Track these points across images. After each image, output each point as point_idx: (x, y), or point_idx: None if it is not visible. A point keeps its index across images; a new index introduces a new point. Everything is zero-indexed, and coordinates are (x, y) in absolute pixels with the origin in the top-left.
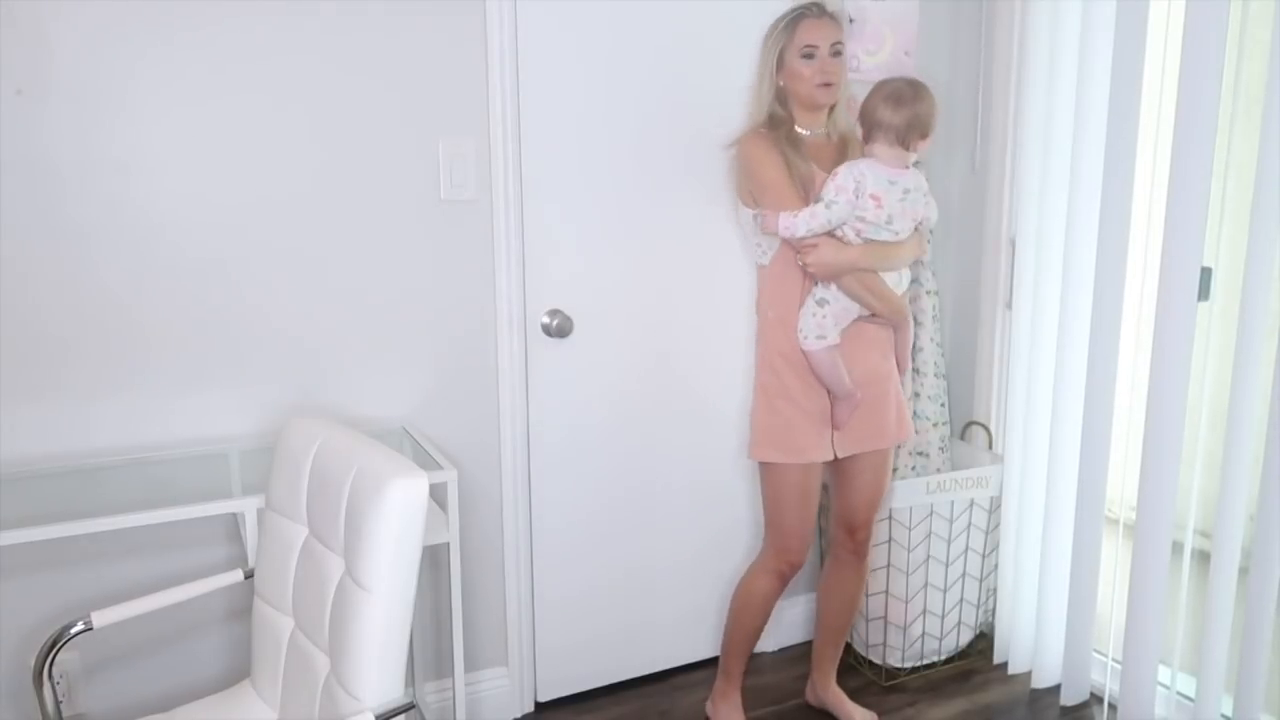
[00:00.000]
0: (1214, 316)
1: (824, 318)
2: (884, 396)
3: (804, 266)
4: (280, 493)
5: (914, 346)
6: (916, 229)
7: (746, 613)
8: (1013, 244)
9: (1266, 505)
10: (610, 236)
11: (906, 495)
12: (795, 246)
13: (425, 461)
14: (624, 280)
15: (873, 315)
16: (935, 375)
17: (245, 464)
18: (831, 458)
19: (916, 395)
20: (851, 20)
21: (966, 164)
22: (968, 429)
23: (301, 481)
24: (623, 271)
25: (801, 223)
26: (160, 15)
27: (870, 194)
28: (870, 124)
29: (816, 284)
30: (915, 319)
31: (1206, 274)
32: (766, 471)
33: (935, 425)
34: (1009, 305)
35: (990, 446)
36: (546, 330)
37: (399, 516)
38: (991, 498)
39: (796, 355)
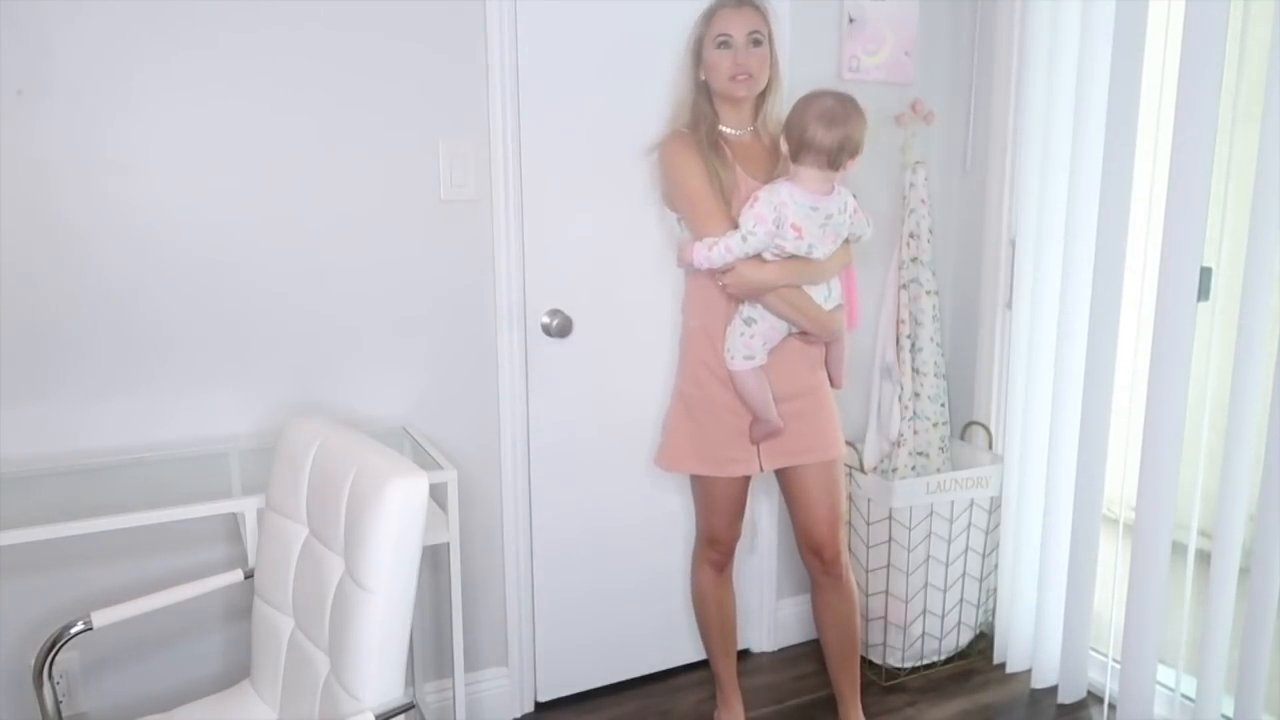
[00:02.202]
0: (1214, 316)
1: (752, 337)
2: (816, 409)
3: (723, 287)
4: (280, 493)
5: (913, 346)
6: (846, 241)
7: (699, 608)
8: (1013, 244)
9: (1267, 505)
10: (611, 236)
11: (906, 495)
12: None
13: (425, 461)
14: (624, 280)
15: (803, 334)
16: (935, 375)
17: (245, 464)
18: (759, 471)
19: (917, 395)
20: (851, 20)
21: (966, 164)
22: (968, 429)
23: (301, 481)
24: (623, 271)
25: (718, 255)
26: (162, 15)
27: (791, 224)
28: (799, 143)
29: (744, 301)
30: (915, 319)
31: (1206, 274)
32: (694, 479)
33: (935, 425)
34: (1009, 305)
35: (990, 446)
36: (546, 330)
37: (399, 517)
38: (991, 498)
39: (722, 369)
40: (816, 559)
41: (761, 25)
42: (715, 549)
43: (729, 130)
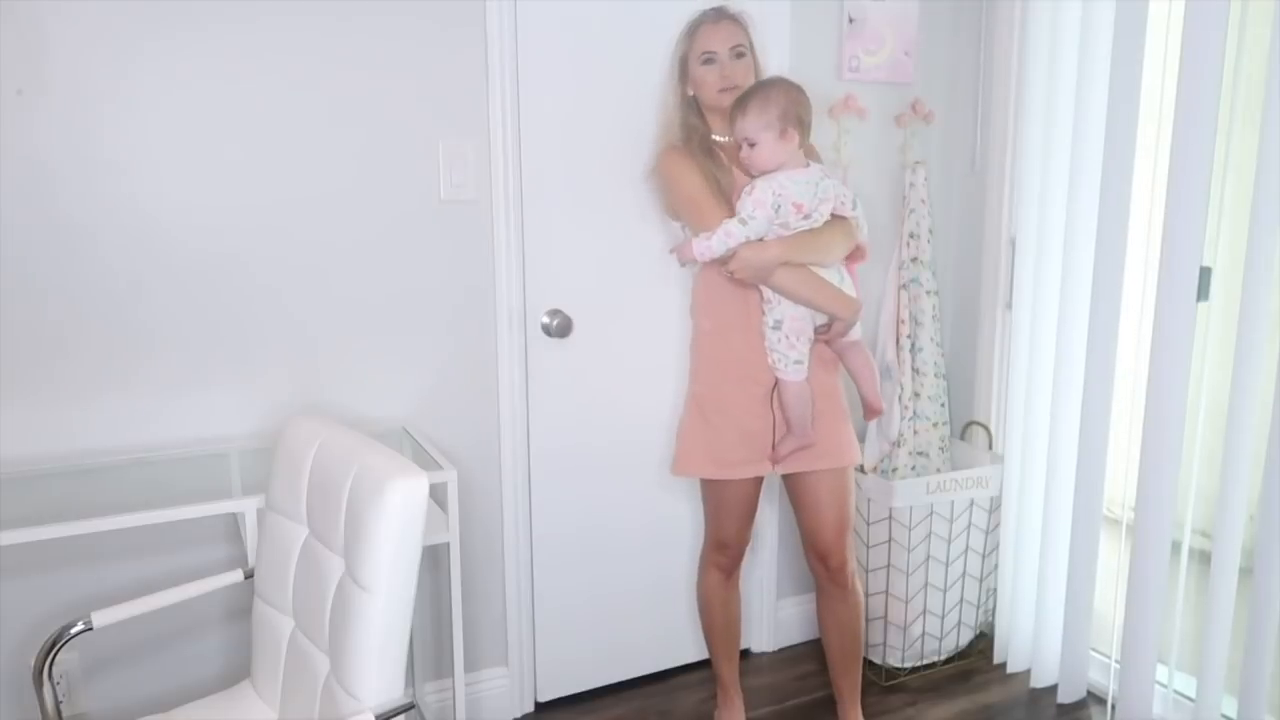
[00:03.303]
0: (1214, 316)
1: (784, 339)
2: (832, 412)
3: (730, 275)
4: (280, 493)
5: (913, 346)
6: (844, 218)
7: (704, 610)
8: (1013, 244)
9: (1267, 505)
10: (610, 236)
11: (906, 495)
12: None
13: (425, 461)
14: (625, 280)
15: (829, 325)
16: (935, 375)
17: (245, 464)
18: (769, 470)
19: (917, 395)
20: (851, 20)
21: (966, 164)
22: (968, 429)
23: (301, 481)
24: (623, 271)
25: (717, 243)
26: (160, 15)
27: (793, 203)
28: (803, 128)
29: (764, 310)
30: (915, 319)
31: (1206, 274)
32: (705, 484)
33: (935, 425)
34: (1009, 306)
35: (990, 446)
36: (546, 330)
37: (399, 517)
38: (991, 498)
39: (737, 368)
40: (822, 565)
41: (742, 37)
42: (724, 554)
43: (720, 138)
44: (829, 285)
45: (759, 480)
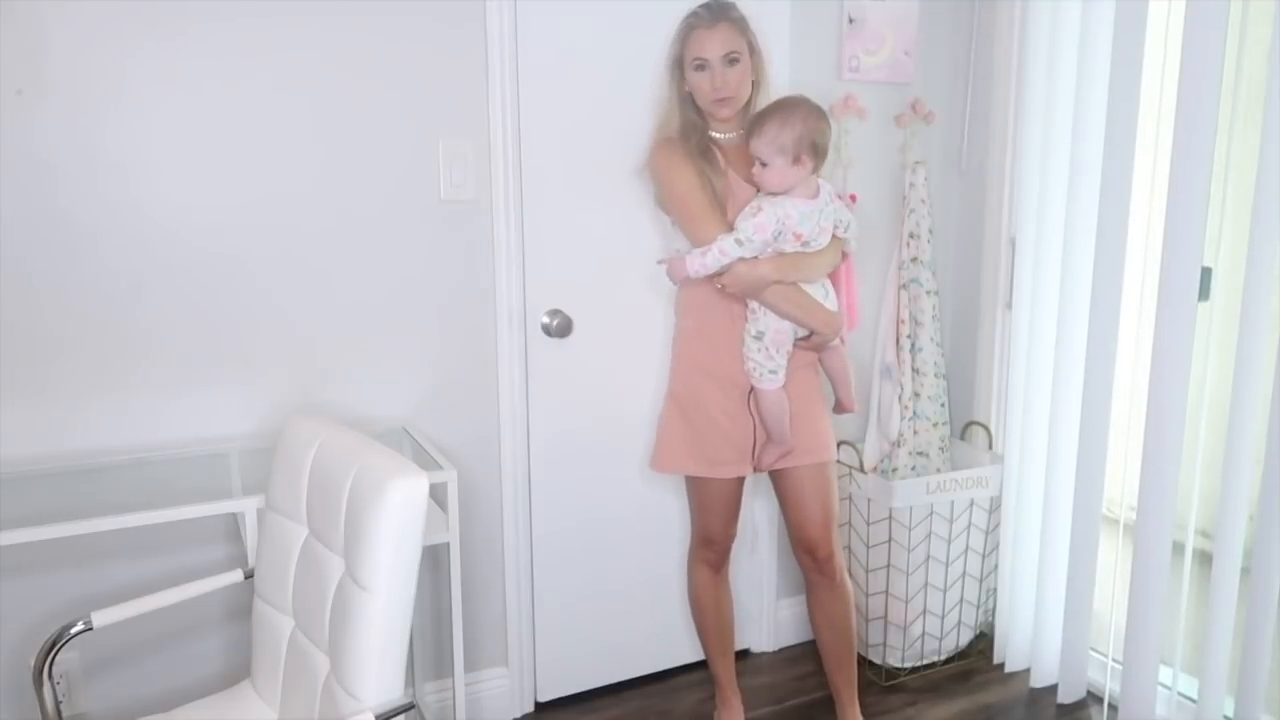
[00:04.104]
0: (1214, 316)
1: (764, 349)
2: (809, 410)
3: (721, 288)
4: (280, 493)
5: (913, 346)
6: (835, 237)
7: (696, 609)
8: (1012, 244)
9: (1267, 505)
10: (611, 235)
11: (906, 495)
12: None
13: (425, 461)
14: (625, 280)
15: (808, 337)
16: (935, 375)
17: (245, 464)
18: (751, 472)
19: (917, 395)
20: (851, 20)
21: (964, 164)
22: (968, 429)
23: (301, 481)
24: (624, 271)
25: (712, 260)
26: (160, 15)
27: (794, 233)
28: (818, 156)
29: (747, 319)
30: (915, 319)
31: (1206, 274)
32: (689, 480)
33: (935, 425)
34: (1009, 306)
35: (990, 446)
36: (546, 330)
37: (399, 516)
38: (991, 498)
39: (719, 370)
40: (809, 558)
41: (738, 42)
42: (710, 549)
43: (719, 135)
44: (815, 302)
45: (741, 479)
